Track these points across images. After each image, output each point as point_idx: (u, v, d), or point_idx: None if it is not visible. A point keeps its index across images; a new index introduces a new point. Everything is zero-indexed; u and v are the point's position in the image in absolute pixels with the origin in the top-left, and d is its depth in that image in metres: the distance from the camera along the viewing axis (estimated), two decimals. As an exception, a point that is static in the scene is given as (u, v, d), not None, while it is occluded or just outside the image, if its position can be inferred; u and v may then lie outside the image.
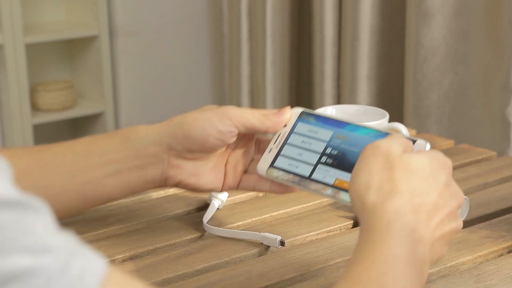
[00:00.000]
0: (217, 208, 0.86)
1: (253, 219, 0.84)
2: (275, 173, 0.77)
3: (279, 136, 0.79)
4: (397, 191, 0.59)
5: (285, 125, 0.79)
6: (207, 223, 0.81)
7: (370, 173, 0.61)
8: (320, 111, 1.02)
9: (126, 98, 2.38)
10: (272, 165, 0.77)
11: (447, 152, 1.07)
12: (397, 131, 1.00)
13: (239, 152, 0.78)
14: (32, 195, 0.42)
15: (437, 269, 0.73)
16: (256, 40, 2.07)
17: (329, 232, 0.82)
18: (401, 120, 1.70)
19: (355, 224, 0.84)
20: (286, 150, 0.78)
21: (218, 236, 0.79)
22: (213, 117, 0.73)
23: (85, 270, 0.41)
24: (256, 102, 2.12)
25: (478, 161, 1.04)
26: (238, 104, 2.16)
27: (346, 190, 0.72)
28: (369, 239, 0.59)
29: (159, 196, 0.89)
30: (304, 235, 0.80)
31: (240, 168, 0.78)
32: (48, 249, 0.40)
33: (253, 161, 0.79)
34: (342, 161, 0.74)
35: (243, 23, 2.10)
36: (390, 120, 1.01)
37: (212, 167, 0.76)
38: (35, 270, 0.39)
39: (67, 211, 0.76)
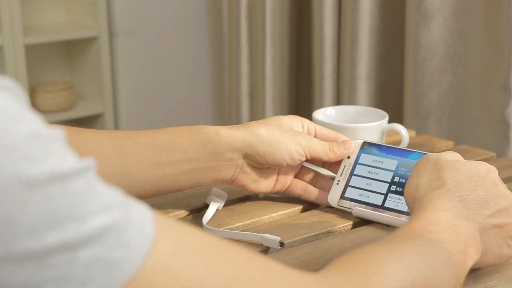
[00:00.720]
0: (217, 209, 0.86)
1: (253, 220, 0.84)
2: (347, 204, 0.84)
3: (344, 167, 0.86)
4: (443, 184, 0.65)
5: (348, 157, 0.86)
6: (206, 224, 0.81)
7: (420, 176, 0.68)
8: (320, 111, 1.02)
9: (126, 99, 2.38)
10: (342, 196, 0.84)
11: (447, 153, 1.07)
12: (397, 132, 1.00)
13: None
14: (82, 155, 0.45)
15: (436, 270, 0.73)
16: (256, 40, 2.07)
17: (329, 233, 0.82)
18: (400, 121, 1.70)
19: (355, 225, 0.84)
20: (354, 181, 0.85)
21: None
22: (291, 145, 0.81)
23: (141, 218, 0.45)
24: (255, 102, 2.12)
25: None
26: (238, 105, 2.16)
27: None
28: (412, 217, 0.65)
29: (159, 197, 0.89)
30: (304, 236, 0.80)
31: (290, 175, 0.87)
32: (113, 205, 0.44)
33: (302, 168, 0.87)
34: None
35: (242, 24, 2.10)
36: (390, 121, 1.01)
37: (269, 174, 0.84)
38: (109, 226, 0.43)
39: (134, 196, 0.79)
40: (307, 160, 0.85)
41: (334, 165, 0.88)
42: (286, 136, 0.81)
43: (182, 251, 0.47)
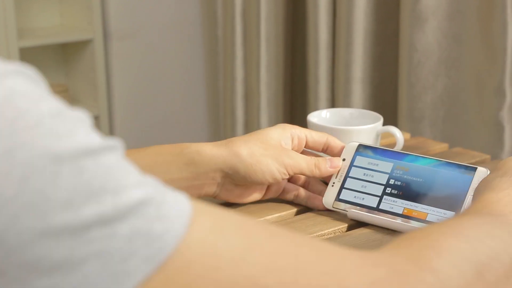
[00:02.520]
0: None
1: (248, 222, 0.84)
2: (342, 206, 0.84)
3: (339, 170, 0.85)
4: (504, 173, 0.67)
5: (344, 159, 0.86)
6: None
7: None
8: (315, 114, 1.02)
9: (121, 102, 2.38)
10: (337, 198, 0.84)
11: (442, 156, 1.07)
12: (391, 134, 1.00)
13: None
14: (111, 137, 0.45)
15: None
16: (250, 43, 2.07)
17: (324, 235, 0.82)
18: (395, 123, 1.70)
19: (350, 228, 0.84)
20: (349, 183, 0.85)
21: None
22: (272, 165, 0.81)
23: (176, 195, 0.46)
24: (250, 105, 2.12)
25: (472, 164, 1.04)
26: (233, 108, 2.16)
27: (415, 219, 0.79)
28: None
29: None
30: (299, 239, 0.80)
31: (283, 181, 0.87)
32: (145, 182, 0.44)
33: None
34: (407, 191, 0.81)
35: (237, 27, 2.10)
36: (385, 123, 1.02)
37: (257, 187, 0.85)
38: (145, 200, 0.43)
39: None
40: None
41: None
42: (268, 156, 0.81)
43: (221, 227, 0.47)
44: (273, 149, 0.83)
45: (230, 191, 0.84)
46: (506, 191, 0.64)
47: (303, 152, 0.87)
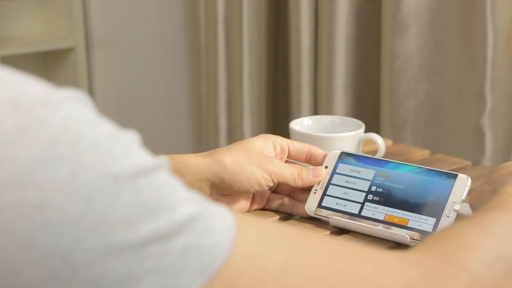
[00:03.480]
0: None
1: (230, 231, 0.84)
2: (324, 213, 0.84)
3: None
4: None
5: (326, 167, 0.87)
6: None
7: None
8: (297, 122, 1.03)
9: (103, 110, 2.37)
10: (319, 205, 0.85)
11: (423, 162, 1.08)
12: (373, 141, 1.00)
13: None
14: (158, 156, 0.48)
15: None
16: (233, 50, 2.07)
17: (306, 243, 0.82)
18: (377, 130, 1.71)
19: (332, 235, 0.84)
20: (331, 190, 0.85)
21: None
22: (257, 172, 0.82)
23: (220, 210, 0.47)
24: (233, 112, 2.12)
25: (453, 171, 1.05)
26: (215, 115, 2.15)
27: (397, 225, 0.79)
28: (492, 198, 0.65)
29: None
30: (281, 246, 0.80)
31: (268, 192, 0.88)
32: (193, 197, 0.46)
33: (280, 183, 0.87)
34: (389, 198, 0.82)
35: (219, 34, 2.10)
36: (367, 130, 1.02)
37: (243, 197, 0.86)
38: (196, 215, 0.45)
39: None
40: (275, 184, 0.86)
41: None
42: (252, 163, 0.82)
43: (264, 238, 0.48)
44: (257, 157, 0.83)
45: (216, 201, 0.84)
46: None
47: (286, 162, 0.88)
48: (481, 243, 0.54)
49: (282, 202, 0.88)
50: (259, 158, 0.83)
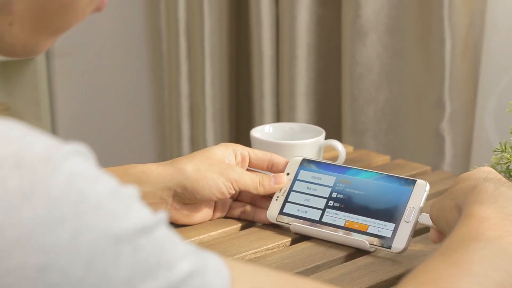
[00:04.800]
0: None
1: (192, 239, 0.84)
2: (285, 219, 0.85)
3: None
4: (481, 188, 0.66)
5: (288, 173, 0.87)
6: None
7: (449, 192, 0.70)
8: (258, 129, 1.03)
9: (64, 120, 2.35)
10: (281, 212, 0.85)
11: (384, 167, 1.09)
12: (334, 148, 1.01)
13: None
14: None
15: (372, 283, 0.74)
16: (195, 59, 2.07)
17: (268, 250, 0.82)
18: (339, 136, 1.72)
19: (293, 242, 0.84)
20: (293, 197, 0.86)
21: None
22: (218, 180, 0.82)
23: (215, 262, 0.47)
24: (196, 121, 2.12)
25: (413, 176, 1.06)
26: (178, 124, 2.15)
27: (357, 231, 0.80)
28: (462, 220, 0.63)
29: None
30: (243, 254, 0.80)
31: (229, 200, 0.89)
32: (190, 251, 0.46)
33: (242, 191, 0.88)
34: (349, 204, 0.83)
35: (181, 43, 2.10)
36: (330, 137, 1.03)
37: (205, 205, 0.86)
38: (193, 271, 0.45)
39: None
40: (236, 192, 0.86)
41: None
42: (214, 171, 0.82)
43: None
44: (218, 165, 0.83)
45: (178, 210, 0.84)
46: (495, 205, 0.63)
47: (247, 171, 0.88)
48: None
49: (244, 209, 0.89)
50: (220, 166, 0.83)
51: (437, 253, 0.58)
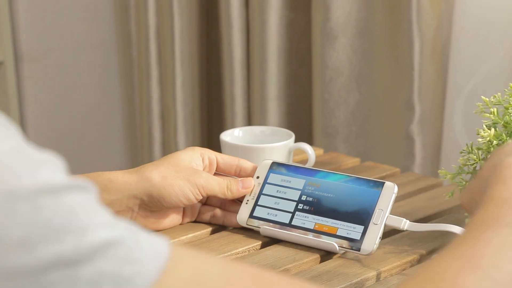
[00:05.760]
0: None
1: (162, 244, 0.84)
2: (255, 223, 0.85)
3: (253, 187, 0.87)
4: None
5: (257, 177, 0.87)
6: None
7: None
8: (228, 133, 1.03)
9: (34, 125, 2.33)
10: (251, 215, 0.85)
11: (354, 170, 1.10)
12: (303, 151, 1.02)
13: None
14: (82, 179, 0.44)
15: (342, 285, 0.74)
16: (165, 63, 2.06)
17: (238, 254, 0.82)
18: (310, 139, 1.73)
19: (264, 245, 0.84)
20: (263, 200, 0.86)
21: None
22: (185, 186, 0.81)
23: (153, 239, 0.44)
24: (167, 125, 2.11)
25: (382, 178, 1.07)
26: (149, 128, 2.14)
27: (326, 233, 0.80)
28: (483, 202, 0.56)
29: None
30: (213, 258, 0.80)
31: (198, 205, 0.88)
32: (118, 224, 0.42)
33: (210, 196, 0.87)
34: (318, 207, 0.83)
35: (151, 47, 2.09)
36: (300, 140, 1.03)
37: (173, 211, 0.85)
38: (115, 241, 0.41)
39: None
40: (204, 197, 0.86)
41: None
42: (180, 178, 0.82)
43: (200, 279, 0.44)
44: (184, 171, 0.83)
45: (146, 217, 0.84)
46: None
47: (215, 175, 0.88)
48: (469, 284, 0.48)
49: (214, 214, 0.88)
50: (187, 172, 0.83)
51: (449, 245, 0.53)
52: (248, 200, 0.86)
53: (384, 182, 0.81)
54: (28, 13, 2.25)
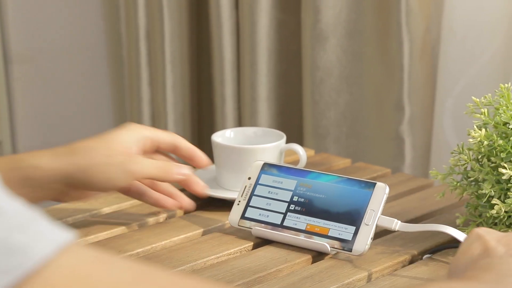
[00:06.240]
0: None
1: (153, 245, 0.84)
2: (247, 224, 0.85)
3: (245, 188, 0.87)
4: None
5: (249, 178, 0.87)
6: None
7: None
8: (219, 134, 1.03)
9: (25, 127, 2.32)
10: (243, 216, 0.85)
11: (344, 171, 1.10)
12: (295, 151, 1.02)
13: None
14: None
15: (333, 286, 0.74)
16: (156, 64, 2.06)
17: (230, 255, 0.82)
18: (301, 140, 1.73)
19: (256, 246, 0.85)
20: (254, 201, 0.86)
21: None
22: (115, 174, 0.78)
23: (49, 225, 0.40)
24: (157, 126, 2.11)
25: (373, 179, 1.07)
26: (140, 129, 2.14)
27: (318, 234, 0.81)
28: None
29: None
30: (205, 259, 0.80)
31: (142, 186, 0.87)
32: (17, 200, 0.40)
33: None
34: (310, 207, 0.83)
35: (141, 48, 2.09)
36: (291, 141, 1.03)
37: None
38: (6, 210, 0.38)
39: None
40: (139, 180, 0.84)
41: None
42: (110, 164, 0.79)
43: (102, 261, 0.42)
44: (116, 157, 0.80)
45: (73, 196, 0.83)
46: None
47: (153, 154, 0.86)
48: None
49: (145, 193, 0.87)
50: (119, 157, 0.80)
51: None
52: (239, 201, 0.87)
53: (376, 183, 0.82)
54: (17, 14, 2.24)
